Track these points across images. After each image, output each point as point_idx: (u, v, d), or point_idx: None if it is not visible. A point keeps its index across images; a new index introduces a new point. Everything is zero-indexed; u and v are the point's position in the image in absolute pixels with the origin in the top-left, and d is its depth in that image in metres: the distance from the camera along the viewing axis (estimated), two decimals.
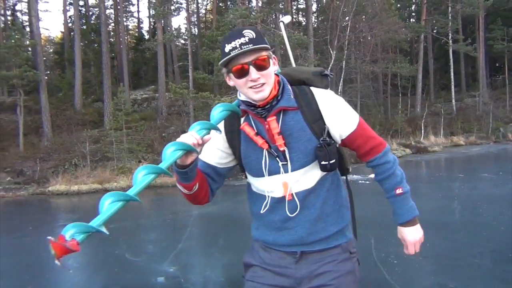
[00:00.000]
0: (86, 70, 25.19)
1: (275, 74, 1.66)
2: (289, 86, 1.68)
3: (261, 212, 1.77)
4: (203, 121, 1.52)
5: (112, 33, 31.08)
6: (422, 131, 25.27)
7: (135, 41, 36.30)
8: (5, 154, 16.24)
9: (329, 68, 21.28)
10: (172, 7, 23.98)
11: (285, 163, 1.64)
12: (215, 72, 18.82)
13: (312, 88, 1.69)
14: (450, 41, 30.75)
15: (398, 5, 34.16)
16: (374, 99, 27.02)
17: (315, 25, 29.78)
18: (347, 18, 22.74)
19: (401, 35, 25.33)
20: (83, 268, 5.62)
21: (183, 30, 27.21)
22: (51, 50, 37.63)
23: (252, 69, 1.53)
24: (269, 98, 1.60)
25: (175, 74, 28.41)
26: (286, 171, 1.66)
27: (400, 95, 29.21)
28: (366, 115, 25.03)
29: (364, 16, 24.39)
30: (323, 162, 1.62)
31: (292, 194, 1.68)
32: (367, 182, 12.20)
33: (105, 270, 5.47)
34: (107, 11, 30.10)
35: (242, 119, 1.71)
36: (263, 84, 1.55)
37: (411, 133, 25.26)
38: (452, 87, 30.31)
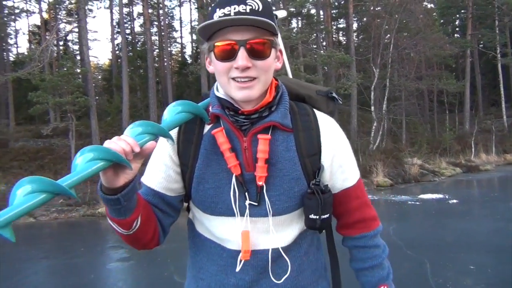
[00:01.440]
0: (132, 94, 26.04)
1: (274, 77, 1.23)
2: (288, 99, 1.24)
3: (210, 268, 1.26)
4: (148, 121, 1.06)
5: (156, 58, 32.11)
6: (473, 149, 24.24)
7: (178, 65, 37.26)
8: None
9: (373, 86, 20.98)
10: None
11: (255, 204, 1.16)
12: None
13: (315, 111, 1.26)
14: (499, 55, 29.62)
15: (442, 21, 33.41)
16: (420, 117, 26.28)
17: (356, 44, 29.55)
18: (388, 36, 22.43)
19: (447, 51, 24.66)
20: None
21: None
22: (99, 77, 39.28)
23: (242, 52, 1.06)
24: (261, 104, 1.15)
25: None
26: (253, 215, 1.17)
27: (447, 112, 28.26)
28: (412, 133, 24.37)
29: (407, 33, 23.98)
30: (312, 216, 1.16)
31: (251, 251, 1.17)
32: (417, 203, 11.75)
33: None
34: (152, 38, 31.18)
35: (209, 126, 1.22)
36: (253, 78, 1.09)
37: (460, 151, 24.27)
38: (503, 102, 29.08)
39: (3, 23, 23.13)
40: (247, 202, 1.15)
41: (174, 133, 1.20)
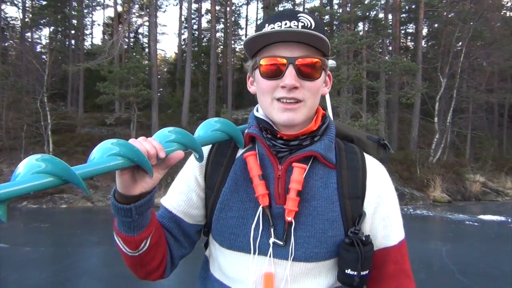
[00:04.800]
0: (194, 89, 26.67)
1: (321, 107, 1.12)
2: (335, 132, 1.12)
3: None
4: (182, 130, 0.96)
5: (220, 55, 32.68)
6: None
7: (240, 62, 37.69)
8: None
9: (438, 96, 20.09)
10: None
11: (282, 244, 1.02)
12: None
13: (364, 153, 1.14)
14: None
15: None
16: (487, 132, 24.82)
17: (424, 50, 28.40)
18: (460, 43, 21.34)
19: None
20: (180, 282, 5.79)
21: None
22: (165, 69, 40.60)
23: (290, 70, 0.97)
24: (303, 130, 1.05)
25: None
26: (278, 256, 1.03)
27: None
28: (477, 148, 23.11)
29: (480, 42, 22.70)
30: (348, 271, 0.99)
31: None
32: (476, 224, 11.13)
33: None
34: (218, 34, 31.76)
35: (243, 150, 1.12)
36: (299, 101, 1.00)
37: None
38: None
39: (81, 15, 24.48)
40: (272, 239, 1.01)
41: (204, 152, 1.11)
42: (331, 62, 2.53)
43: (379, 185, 1.08)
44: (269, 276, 1.01)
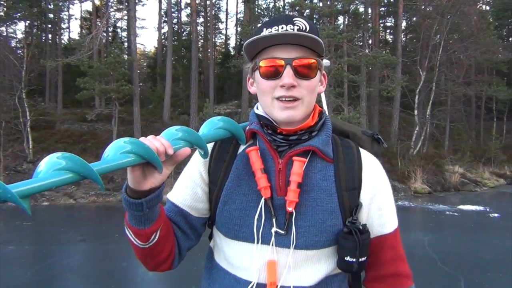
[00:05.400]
0: (175, 84, 26.46)
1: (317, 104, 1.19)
2: (331, 128, 1.19)
3: None
4: (189, 128, 1.02)
5: (201, 49, 32.46)
6: None
7: (221, 56, 37.53)
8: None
9: (418, 89, 20.39)
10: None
11: (283, 233, 1.08)
12: None
13: (359, 147, 1.21)
14: None
15: (497, 23, 31.98)
16: (465, 123, 25.34)
17: (403, 44, 28.76)
18: (438, 37, 21.67)
19: (500, 56, 23.60)
20: (166, 278, 5.79)
21: None
22: (145, 64, 40.13)
23: (288, 70, 1.04)
24: (301, 125, 1.11)
25: None
26: (280, 245, 1.09)
27: (495, 119, 27.11)
28: (456, 140, 23.58)
29: (458, 35, 23.08)
30: (348, 259, 1.07)
31: (277, 285, 1.08)
32: (455, 214, 11.39)
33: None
34: (198, 28, 31.54)
35: (244, 146, 1.19)
36: (297, 99, 1.07)
37: (506, 161, 23.26)
38: None
39: (58, 9, 23.96)
40: (274, 229, 1.08)
41: (208, 149, 1.15)
42: (326, 62, 2.57)
43: (374, 178, 1.15)
44: (272, 264, 1.08)
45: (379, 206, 1.15)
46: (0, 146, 15.26)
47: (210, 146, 1.18)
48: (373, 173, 1.15)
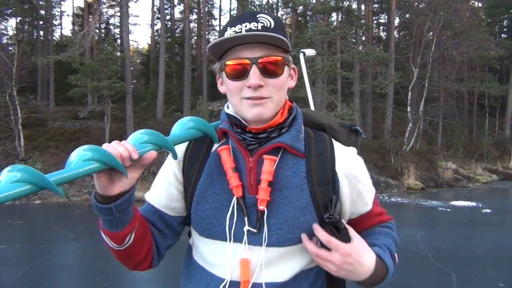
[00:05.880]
0: (168, 81, 26.34)
1: (288, 99, 1.17)
2: (302, 122, 1.18)
3: None
4: (155, 131, 1.03)
5: (194, 46, 32.33)
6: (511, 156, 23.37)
7: None
8: None
9: (411, 86, 20.45)
10: None
11: (255, 231, 1.08)
12: None
13: (333, 140, 1.19)
14: None
15: (489, 20, 32.13)
16: (458, 120, 25.47)
17: (396, 40, 28.82)
18: (431, 34, 21.73)
19: (492, 53, 23.72)
20: (158, 276, 5.77)
21: None
22: (138, 61, 39.93)
23: (254, 70, 1.03)
24: (270, 123, 1.10)
25: None
26: (253, 243, 1.09)
27: (488, 116, 27.28)
28: (449, 136, 23.71)
29: (450, 32, 23.16)
30: None
31: (250, 283, 1.09)
32: (448, 210, 11.45)
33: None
34: (191, 25, 31.39)
35: (217, 145, 1.18)
36: (265, 98, 1.06)
37: (498, 157, 23.43)
38: None
39: (49, 5, 23.75)
40: (246, 228, 1.08)
41: (181, 149, 1.19)
42: (311, 51, 2.53)
43: (349, 168, 1.14)
44: (245, 262, 1.09)
45: (359, 191, 1.16)
46: None
47: (184, 145, 1.19)
48: (347, 163, 1.14)
